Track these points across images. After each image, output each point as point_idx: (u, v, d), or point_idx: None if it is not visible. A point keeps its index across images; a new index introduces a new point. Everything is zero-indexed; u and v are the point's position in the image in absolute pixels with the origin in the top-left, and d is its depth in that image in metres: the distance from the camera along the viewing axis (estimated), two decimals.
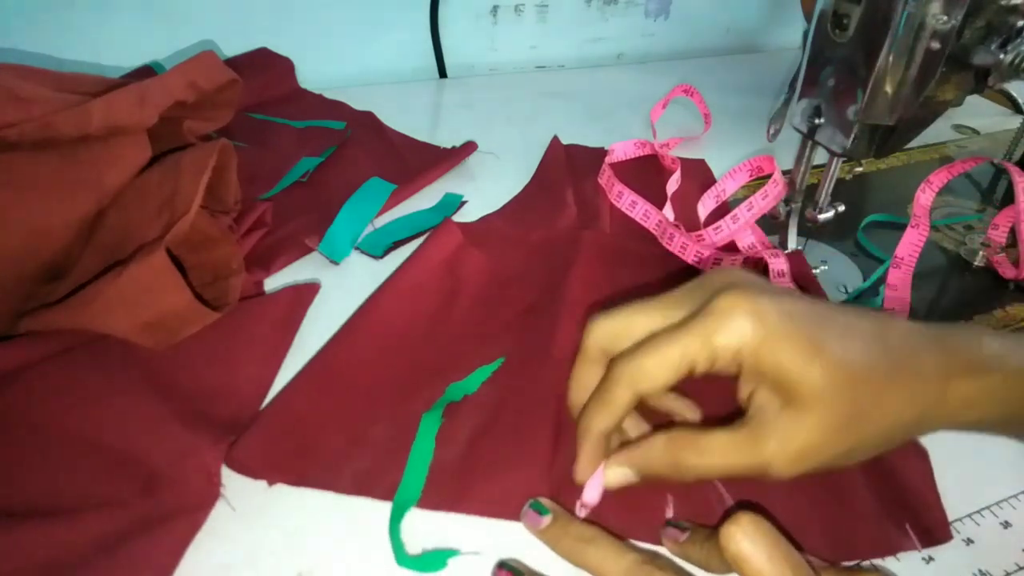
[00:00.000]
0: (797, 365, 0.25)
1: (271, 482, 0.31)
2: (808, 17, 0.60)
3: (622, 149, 0.59)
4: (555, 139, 0.60)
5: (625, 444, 0.29)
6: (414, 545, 0.29)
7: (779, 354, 0.25)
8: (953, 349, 0.27)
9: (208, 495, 0.30)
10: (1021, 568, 0.30)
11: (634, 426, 0.32)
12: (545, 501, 0.30)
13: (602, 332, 0.29)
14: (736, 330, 0.25)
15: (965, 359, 0.27)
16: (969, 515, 0.32)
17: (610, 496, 0.31)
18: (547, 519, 0.29)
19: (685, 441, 0.27)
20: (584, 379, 0.30)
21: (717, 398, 0.30)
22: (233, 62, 0.63)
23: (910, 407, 0.26)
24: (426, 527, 0.30)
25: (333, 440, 0.33)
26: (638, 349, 0.27)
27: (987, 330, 0.30)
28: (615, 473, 0.28)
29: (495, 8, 0.76)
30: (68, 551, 0.27)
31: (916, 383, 0.26)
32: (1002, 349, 0.28)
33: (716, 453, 0.26)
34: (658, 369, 0.26)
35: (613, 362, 0.28)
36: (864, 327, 0.27)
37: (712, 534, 0.26)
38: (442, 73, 0.76)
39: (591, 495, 0.29)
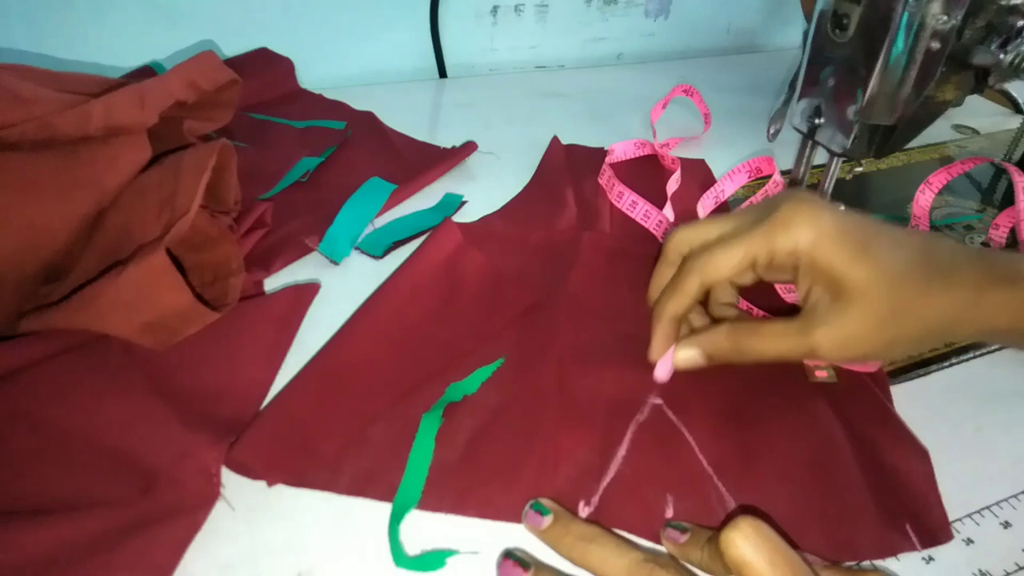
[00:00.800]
0: (845, 263, 0.29)
1: (271, 483, 0.31)
2: (808, 17, 0.60)
3: (622, 149, 0.59)
4: (555, 139, 0.60)
5: (693, 331, 0.34)
6: (412, 545, 0.29)
7: (830, 254, 0.29)
8: (991, 262, 0.31)
9: (208, 495, 0.30)
10: (1021, 568, 0.30)
11: (701, 321, 0.36)
12: (546, 501, 0.30)
13: (680, 238, 0.34)
14: (793, 231, 0.30)
15: (1001, 271, 0.31)
16: (969, 515, 0.32)
17: (611, 494, 0.31)
18: (548, 519, 0.29)
19: (746, 328, 0.32)
20: (661, 277, 0.35)
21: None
22: (233, 62, 0.63)
23: (947, 309, 0.30)
24: (424, 527, 0.30)
25: (333, 440, 0.33)
26: (709, 247, 0.32)
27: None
28: (685, 353, 0.33)
29: (495, 8, 0.76)
30: (68, 551, 0.27)
31: (954, 288, 0.30)
32: None
33: (773, 338, 0.31)
34: (724, 261, 0.31)
35: (686, 258, 0.33)
36: (912, 240, 0.31)
37: (713, 537, 0.26)
38: (442, 73, 0.76)
39: (662, 372, 0.34)
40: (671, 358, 0.34)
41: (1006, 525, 0.32)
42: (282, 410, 0.34)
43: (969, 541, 0.31)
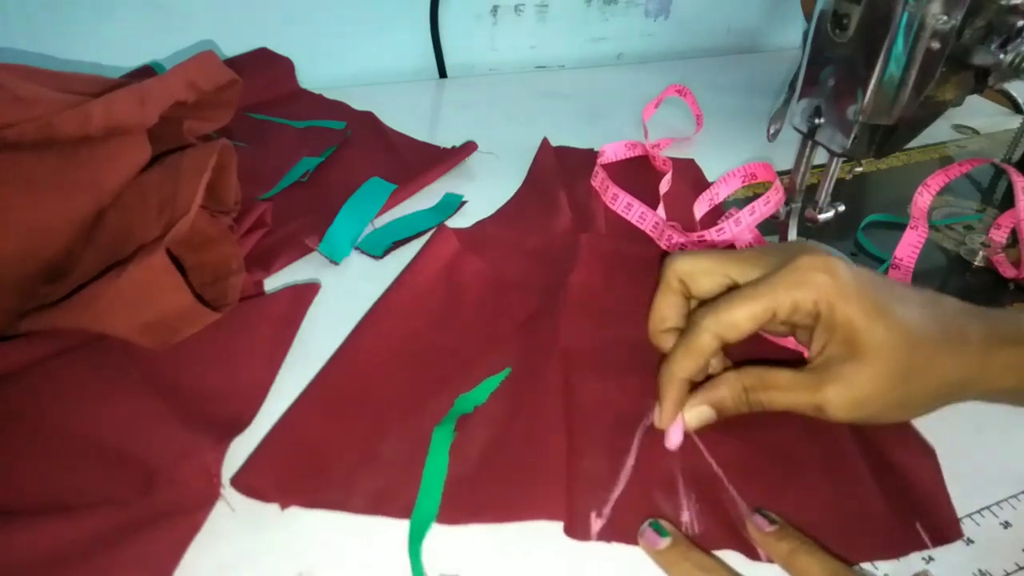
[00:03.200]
0: (864, 321, 0.29)
1: (284, 505, 0.30)
2: (808, 17, 0.60)
3: (613, 150, 0.59)
4: (544, 141, 0.60)
5: (695, 387, 0.32)
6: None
7: (850, 309, 0.29)
8: (995, 322, 0.31)
9: (208, 495, 0.30)
10: (1021, 568, 0.30)
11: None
12: (665, 524, 0.29)
13: (682, 266, 0.33)
14: (816, 285, 0.29)
15: (1006, 331, 0.31)
16: (969, 515, 0.32)
17: (623, 505, 0.31)
18: (666, 541, 0.29)
19: (753, 377, 0.31)
20: (663, 307, 0.33)
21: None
22: (233, 62, 0.63)
23: (956, 370, 0.30)
24: (441, 543, 0.30)
25: (343, 459, 0.32)
26: (725, 301, 0.30)
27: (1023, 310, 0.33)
28: (694, 414, 0.32)
29: (495, 8, 0.76)
30: (68, 551, 0.27)
31: (963, 349, 0.30)
32: None
33: (781, 392, 0.31)
34: (745, 319, 0.30)
35: (699, 312, 0.31)
36: (919, 297, 0.31)
37: (804, 546, 0.28)
38: (442, 73, 0.76)
39: (674, 439, 0.32)
40: (682, 424, 0.32)
41: (1006, 525, 0.32)
42: (289, 430, 0.33)
43: (969, 541, 0.31)
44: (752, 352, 0.35)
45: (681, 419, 0.32)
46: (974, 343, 0.30)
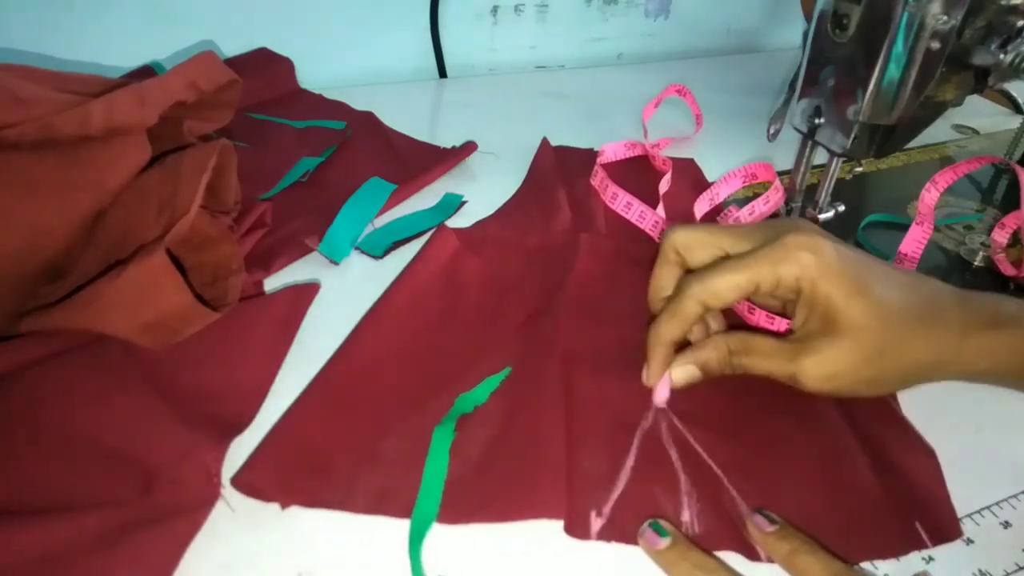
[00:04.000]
0: (843, 299, 0.30)
1: (284, 505, 0.30)
2: (808, 17, 0.60)
3: (612, 150, 0.59)
4: (544, 141, 0.60)
5: (685, 347, 0.34)
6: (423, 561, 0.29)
7: (831, 287, 0.30)
8: (975, 307, 0.32)
9: (208, 495, 0.30)
10: (1021, 568, 0.30)
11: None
12: (665, 523, 0.30)
13: (679, 238, 0.34)
14: (800, 262, 0.30)
15: (984, 316, 0.31)
16: (969, 515, 0.32)
17: (623, 505, 0.31)
18: (666, 541, 0.29)
19: (737, 341, 0.33)
20: (661, 276, 0.35)
21: None
22: (233, 62, 0.63)
23: (930, 351, 0.31)
24: (442, 543, 0.30)
25: (344, 459, 0.32)
26: (711, 270, 0.32)
27: (1005, 296, 0.33)
28: (681, 371, 0.33)
29: (495, 8, 0.76)
30: (68, 550, 0.27)
31: (939, 331, 0.31)
32: (1019, 311, 0.32)
33: (761, 357, 0.32)
34: (728, 288, 0.31)
35: (686, 279, 0.32)
36: (902, 278, 0.32)
37: (805, 546, 0.28)
38: (442, 73, 0.76)
39: (661, 396, 0.34)
40: (668, 381, 0.34)
41: (1006, 525, 0.32)
42: (290, 430, 0.33)
43: (969, 541, 0.31)
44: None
45: (667, 377, 0.33)
46: (951, 326, 0.31)
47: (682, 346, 0.34)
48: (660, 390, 0.34)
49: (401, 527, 0.30)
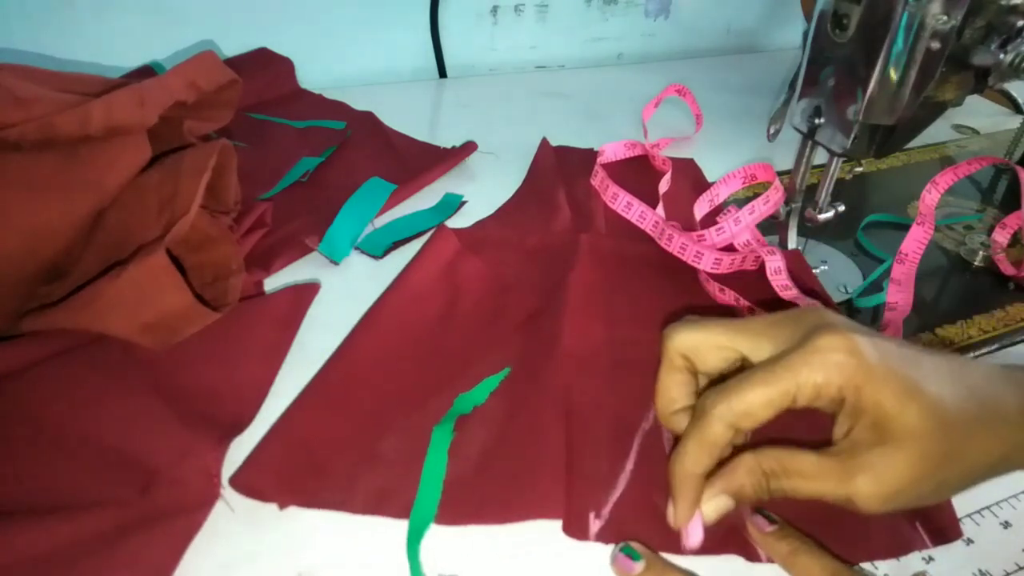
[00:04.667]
0: (895, 405, 0.25)
1: (282, 505, 0.30)
2: (808, 17, 0.60)
3: (612, 150, 0.59)
4: (544, 141, 0.60)
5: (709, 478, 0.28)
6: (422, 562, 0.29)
7: (879, 393, 0.26)
8: None
9: (208, 495, 0.30)
10: (1021, 568, 0.30)
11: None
12: (637, 546, 0.29)
13: (683, 341, 0.29)
14: (840, 368, 0.26)
15: None
16: (969, 515, 0.32)
17: (622, 506, 0.30)
18: (640, 565, 0.28)
19: (773, 461, 0.27)
20: (669, 386, 0.30)
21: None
22: (233, 62, 0.63)
23: (996, 448, 0.27)
24: (440, 543, 0.30)
25: (343, 458, 0.32)
26: (737, 385, 0.27)
27: None
28: (712, 506, 0.28)
29: (495, 8, 0.76)
30: (68, 550, 0.27)
31: (1001, 425, 0.27)
32: None
33: (806, 480, 0.27)
34: (760, 405, 0.26)
35: (708, 397, 0.27)
36: (948, 369, 0.27)
37: (805, 549, 0.27)
38: (442, 73, 0.76)
39: (694, 538, 0.28)
40: (700, 520, 0.28)
41: (1006, 525, 0.32)
42: (289, 430, 0.33)
43: (969, 541, 0.31)
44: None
45: (699, 516, 0.28)
46: (1012, 417, 0.27)
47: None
48: (693, 532, 0.28)
49: (400, 527, 0.30)
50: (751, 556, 0.29)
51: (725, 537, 0.30)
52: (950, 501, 0.32)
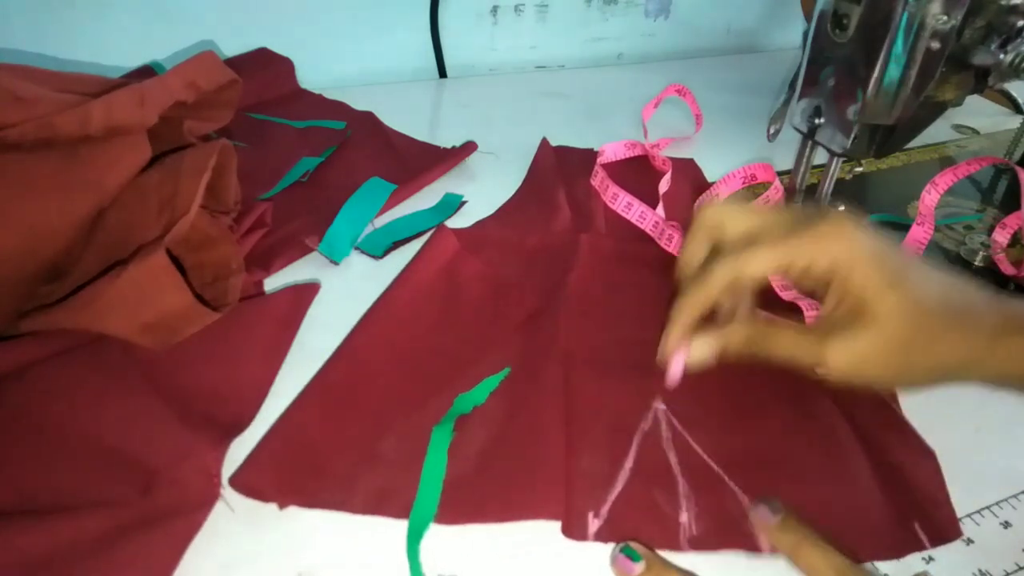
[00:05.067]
0: (877, 288, 0.29)
1: (282, 505, 0.30)
2: (808, 17, 0.60)
3: (612, 150, 0.59)
4: (544, 141, 0.60)
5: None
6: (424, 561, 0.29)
7: (866, 276, 0.30)
8: (1010, 312, 0.31)
9: (208, 495, 0.30)
10: (1021, 568, 0.30)
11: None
12: (636, 546, 0.29)
13: (715, 212, 0.34)
14: (837, 247, 0.30)
15: (1018, 321, 0.31)
16: (969, 515, 0.32)
17: (622, 505, 0.31)
18: (639, 566, 0.28)
19: (759, 325, 0.32)
20: (692, 246, 0.34)
21: None
22: (233, 62, 0.63)
23: (959, 351, 0.30)
24: (440, 543, 0.30)
25: (342, 459, 0.32)
26: (743, 247, 0.31)
27: None
28: (700, 345, 0.32)
29: (495, 8, 0.76)
30: (68, 551, 0.27)
31: (972, 334, 0.30)
32: None
33: (787, 340, 0.31)
34: (759, 263, 0.31)
35: (719, 256, 0.32)
36: (938, 276, 0.31)
37: (810, 543, 0.28)
38: (442, 73, 0.76)
39: (675, 371, 0.33)
40: (683, 355, 0.32)
41: (1006, 525, 0.32)
42: (289, 430, 0.33)
43: (969, 541, 0.31)
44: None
45: (683, 352, 0.32)
46: (983, 328, 0.30)
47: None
48: (675, 364, 0.32)
49: (400, 527, 0.30)
50: (752, 547, 0.29)
51: (727, 531, 0.30)
52: (950, 501, 0.32)
